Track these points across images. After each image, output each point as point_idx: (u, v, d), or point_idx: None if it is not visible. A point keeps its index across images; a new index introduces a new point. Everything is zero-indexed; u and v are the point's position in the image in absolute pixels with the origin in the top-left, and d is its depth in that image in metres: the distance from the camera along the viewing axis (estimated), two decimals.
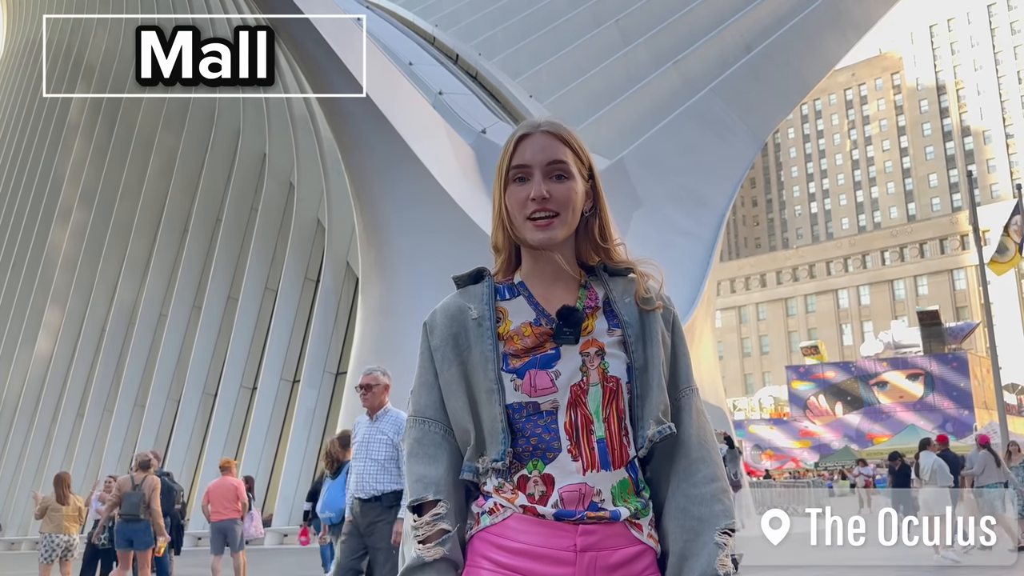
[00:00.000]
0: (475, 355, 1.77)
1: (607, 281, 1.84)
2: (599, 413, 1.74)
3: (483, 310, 1.79)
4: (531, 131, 1.82)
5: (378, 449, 6.47)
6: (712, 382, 33.33)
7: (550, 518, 1.69)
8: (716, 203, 31.90)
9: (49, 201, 38.99)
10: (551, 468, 1.72)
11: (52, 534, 12.23)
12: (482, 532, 1.73)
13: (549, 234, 1.76)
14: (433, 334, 1.84)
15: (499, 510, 1.72)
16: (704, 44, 35.36)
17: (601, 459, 1.72)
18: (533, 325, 1.78)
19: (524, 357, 1.75)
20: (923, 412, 51.52)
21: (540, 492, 1.71)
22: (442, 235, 23.13)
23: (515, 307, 1.81)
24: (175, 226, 32.72)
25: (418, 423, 1.83)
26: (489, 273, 1.87)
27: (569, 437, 1.72)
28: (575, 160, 1.81)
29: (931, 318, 57.99)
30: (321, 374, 27.11)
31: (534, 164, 1.78)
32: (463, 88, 31.51)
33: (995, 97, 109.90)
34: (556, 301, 1.80)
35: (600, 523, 1.70)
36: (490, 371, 1.74)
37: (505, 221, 1.81)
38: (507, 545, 1.70)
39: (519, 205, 1.77)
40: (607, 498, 1.72)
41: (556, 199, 1.76)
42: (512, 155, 1.80)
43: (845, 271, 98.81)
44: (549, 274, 1.82)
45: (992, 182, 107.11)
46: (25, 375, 36.52)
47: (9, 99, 47.65)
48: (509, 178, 1.80)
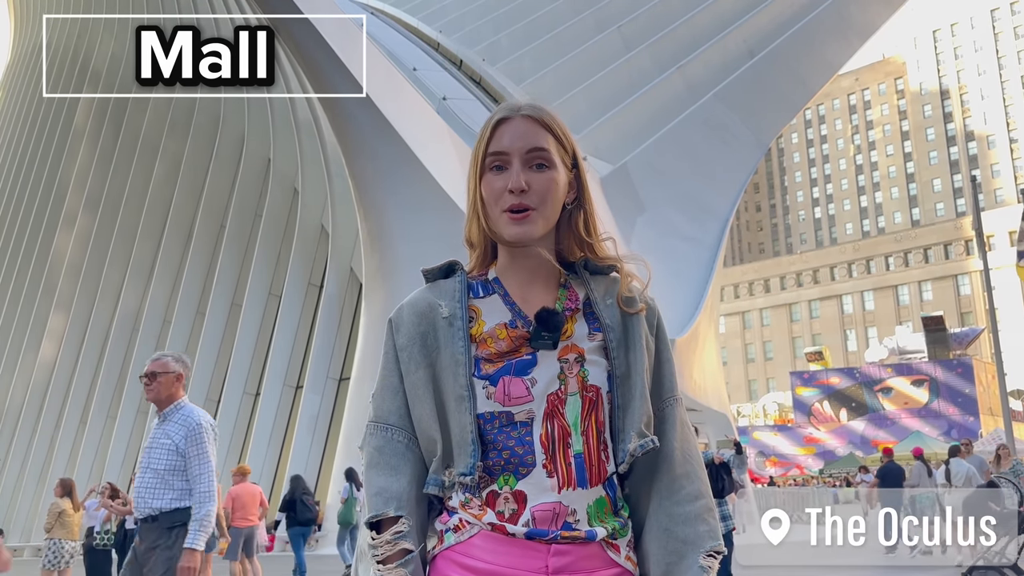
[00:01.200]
0: (444, 357, 1.61)
1: (588, 280, 1.68)
2: (577, 425, 1.59)
3: (455, 308, 1.64)
4: (510, 115, 1.65)
5: (160, 457, 5.14)
6: (716, 388, 33.25)
7: (521, 537, 1.54)
8: (719, 208, 31.87)
9: (54, 207, 39.06)
10: (524, 484, 1.57)
11: (62, 540, 12.26)
12: (446, 551, 1.58)
13: (526, 228, 1.61)
14: (399, 332, 1.67)
15: (465, 527, 1.58)
16: (707, 49, 35.35)
17: (578, 476, 1.57)
18: (508, 327, 1.62)
19: (498, 362, 1.60)
20: (928, 418, 51.38)
21: (511, 510, 1.56)
22: (446, 241, 23.03)
23: (489, 306, 1.66)
24: (179, 232, 32.75)
25: (380, 430, 1.66)
26: (462, 267, 1.74)
27: (545, 451, 1.57)
28: (557, 147, 1.65)
29: (936, 323, 57.83)
30: (324, 380, 27.09)
31: (512, 151, 1.62)
32: (467, 94, 31.54)
33: (999, 102, 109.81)
34: (534, 301, 1.64)
35: (574, 543, 1.55)
36: (460, 376, 1.59)
37: (480, 213, 1.68)
38: (472, 565, 1.55)
39: (495, 196, 1.63)
40: (582, 518, 1.57)
41: (535, 190, 1.61)
42: (489, 141, 1.65)
43: (849, 276, 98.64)
44: (526, 271, 1.67)
45: (996, 187, 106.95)
46: (29, 381, 36.54)
47: (15, 104, 47.78)
48: (485, 166, 1.66)
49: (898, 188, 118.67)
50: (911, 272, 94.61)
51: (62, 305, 36.22)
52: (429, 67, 32.67)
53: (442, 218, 23.14)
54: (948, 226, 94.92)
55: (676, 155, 31.20)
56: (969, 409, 50.96)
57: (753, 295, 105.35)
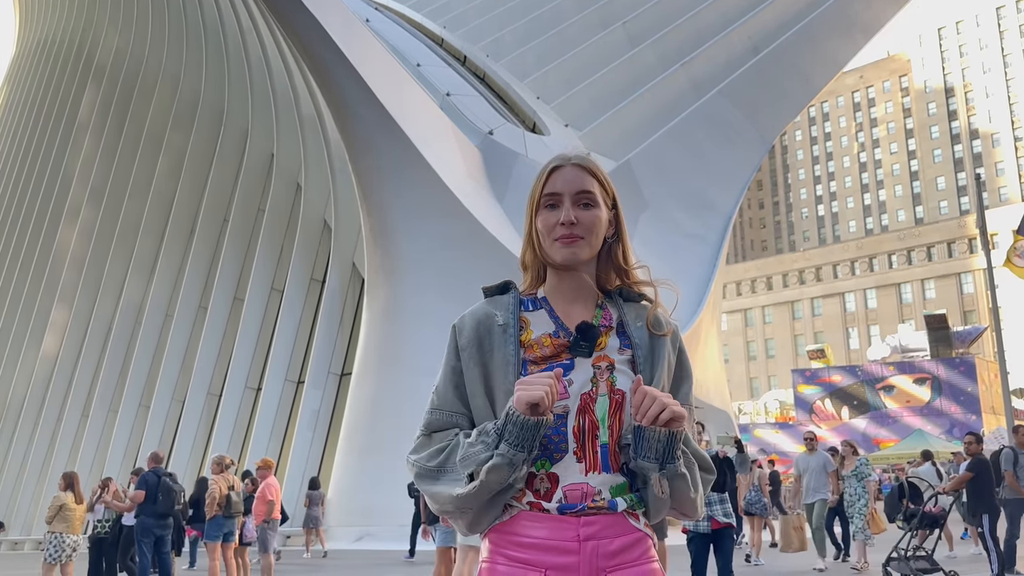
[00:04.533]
0: (497, 358, 1.92)
1: (622, 305, 2.02)
2: (605, 420, 1.89)
3: (508, 318, 1.96)
4: (563, 163, 2.02)
5: None
6: (718, 385, 33.23)
7: (554, 512, 1.85)
8: (722, 206, 31.83)
9: (58, 200, 39.09)
10: (557, 468, 1.87)
11: (63, 534, 12.20)
12: (497, 527, 1.90)
13: (574, 251, 1.95)
14: (461, 335, 1.98)
15: (509, 508, 1.88)
16: (711, 46, 35.28)
17: (603, 462, 1.88)
18: (552, 336, 1.95)
19: (542, 364, 1.91)
20: (930, 417, 51.33)
21: (545, 489, 1.87)
22: (448, 236, 23.11)
23: (537, 319, 1.98)
24: (182, 226, 32.75)
25: (437, 414, 1.98)
26: (515, 285, 2.06)
27: (576, 440, 1.87)
28: (601, 191, 2.01)
29: (938, 322, 57.72)
30: (326, 375, 27.09)
31: (564, 193, 1.97)
32: (471, 90, 31.50)
33: (1004, 100, 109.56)
34: (575, 317, 1.98)
35: (599, 514, 1.85)
36: (510, 374, 1.89)
37: (535, 241, 2.00)
38: (517, 540, 1.86)
39: (548, 228, 1.96)
40: (606, 496, 1.87)
41: (583, 224, 1.95)
42: (545, 184, 2.00)
43: (852, 274, 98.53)
44: (570, 292, 2.01)
45: (1001, 185, 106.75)
46: (31, 374, 36.58)
47: (20, 98, 47.80)
48: (541, 204, 1.99)
49: (902, 186, 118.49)
50: (914, 270, 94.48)
51: (65, 299, 36.25)
52: (433, 63, 32.63)
53: (444, 213, 23.13)
54: (951, 224, 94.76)
55: (679, 152, 31.15)
56: (971, 408, 50.88)
57: (755, 292, 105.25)
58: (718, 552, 8.93)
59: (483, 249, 22.04)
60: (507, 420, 1.80)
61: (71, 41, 42.02)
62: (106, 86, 38.07)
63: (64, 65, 42.23)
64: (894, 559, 11.21)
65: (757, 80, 34.05)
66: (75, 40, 41.53)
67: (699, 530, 8.78)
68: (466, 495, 1.82)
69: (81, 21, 41.09)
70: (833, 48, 37.10)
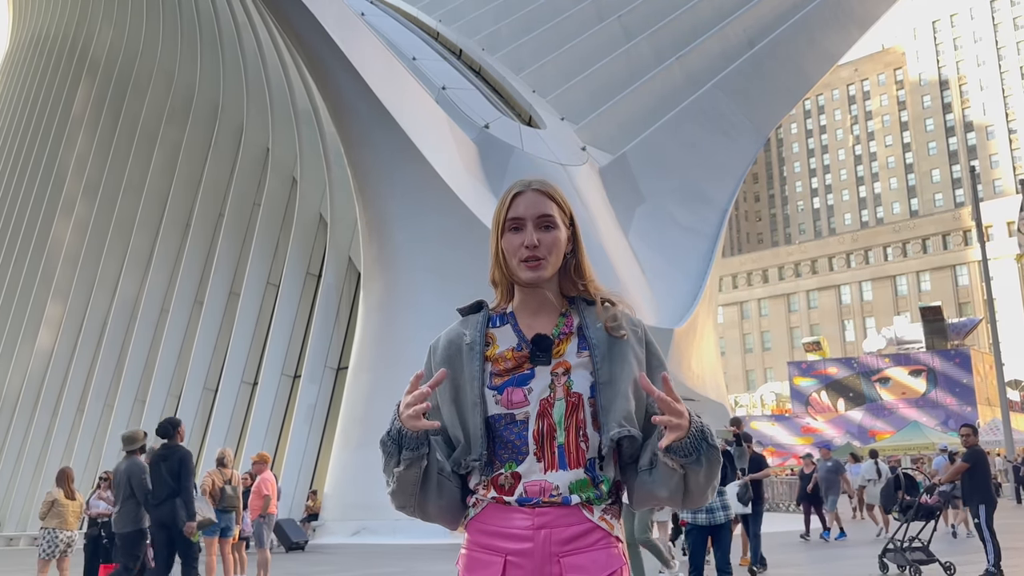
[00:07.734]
0: (465, 374, 2.13)
1: (583, 310, 2.19)
2: (561, 422, 2.09)
3: (475, 336, 2.17)
4: (524, 189, 2.19)
5: None
6: (714, 378, 33.27)
7: (514, 504, 2.08)
8: (718, 199, 31.82)
9: (52, 195, 38.97)
10: (521, 468, 2.09)
11: (56, 530, 12.16)
12: (471, 521, 2.14)
13: (538, 273, 2.13)
14: (435, 355, 2.21)
15: (479, 503, 2.12)
16: (707, 40, 35.25)
17: (560, 461, 2.08)
18: (515, 350, 2.15)
19: (505, 376, 2.12)
20: (926, 408, 51.48)
21: (508, 484, 2.09)
22: (444, 230, 23.07)
23: (503, 334, 2.18)
24: (178, 220, 32.67)
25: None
26: (487, 305, 2.25)
27: (536, 442, 2.08)
28: (559, 213, 2.18)
29: (934, 314, 57.86)
30: (322, 369, 27.08)
31: (527, 217, 2.15)
32: (466, 83, 31.42)
33: (998, 92, 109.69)
34: (538, 328, 2.17)
35: (553, 506, 2.06)
36: (475, 388, 2.11)
37: (501, 262, 2.18)
38: (484, 529, 2.10)
39: (513, 250, 2.14)
40: (564, 491, 2.07)
41: (544, 245, 2.13)
42: (508, 208, 2.17)
43: (847, 267, 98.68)
44: (534, 305, 2.20)
45: (995, 177, 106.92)
46: (26, 369, 36.52)
47: (14, 93, 47.64)
48: (506, 227, 2.17)
49: (897, 178, 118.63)
50: (909, 262, 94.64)
51: (60, 293, 36.17)
52: (429, 56, 32.55)
53: (440, 207, 23.09)
54: (947, 216, 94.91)
55: (675, 145, 31.13)
56: (967, 399, 51.04)
57: (751, 285, 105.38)
58: (716, 545, 8.96)
59: (479, 242, 21.94)
60: (400, 434, 2.03)
61: (65, 36, 41.86)
62: (100, 81, 37.94)
63: (58, 60, 42.09)
64: (891, 550, 11.25)
65: (752, 73, 34.03)
66: (69, 35, 41.37)
67: (697, 522, 8.80)
68: (393, 493, 2.09)
69: (75, 15, 40.94)
70: (828, 41, 37.09)
